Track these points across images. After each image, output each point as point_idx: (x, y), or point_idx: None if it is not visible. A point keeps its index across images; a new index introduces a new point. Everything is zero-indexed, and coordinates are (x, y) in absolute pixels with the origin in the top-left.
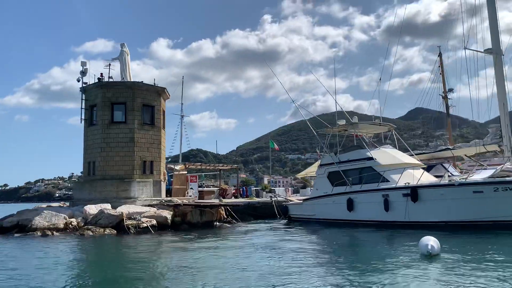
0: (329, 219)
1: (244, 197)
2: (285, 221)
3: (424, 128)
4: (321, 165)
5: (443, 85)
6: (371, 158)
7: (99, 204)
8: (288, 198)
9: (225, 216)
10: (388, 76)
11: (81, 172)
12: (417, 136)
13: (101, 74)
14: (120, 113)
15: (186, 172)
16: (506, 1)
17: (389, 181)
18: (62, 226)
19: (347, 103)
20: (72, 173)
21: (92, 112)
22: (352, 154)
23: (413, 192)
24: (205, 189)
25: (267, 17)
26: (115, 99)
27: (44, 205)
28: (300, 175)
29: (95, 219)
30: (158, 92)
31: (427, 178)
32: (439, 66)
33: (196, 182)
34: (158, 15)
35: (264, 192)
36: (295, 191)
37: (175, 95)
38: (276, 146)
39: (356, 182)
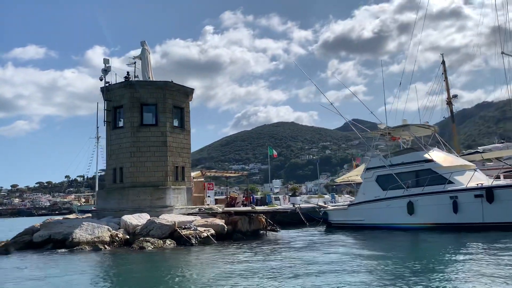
0: (383, 224)
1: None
2: (323, 227)
3: (361, 140)
4: (368, 169)
5: (447, 91)
6: (430, 160)
7: (136, 214)
8: (322, 204)
9: (266, 224)
10: (325, 88)
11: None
12: (354, 146)
13: (128, 73)
14: (150, 115)
15: (203, 180)
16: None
17: (453, 183)
18: (107, 239)
19: (287, 114)
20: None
21: (116, 114)
22: (407, 157)
23: (489, 193)
24: (217, 197)
25: (209, 28)
26: (145, 100)
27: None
28: (339, 180)
29: (145, 230)
30: (187, 93)
31: (487, 179)
32: (442, 73)
33: (212, 190)
34: (94, 22)
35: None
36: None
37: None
38: (274, 153)
39: (413, 185)
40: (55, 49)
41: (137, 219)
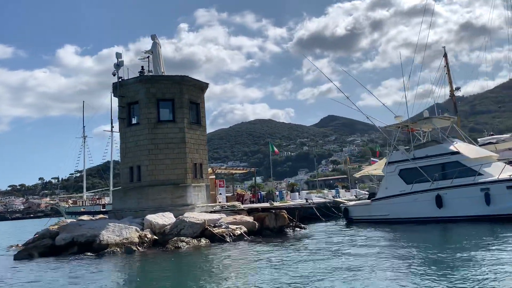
0: (409, 218)
1: (261, 202)
2: (343, 222)
3: (337, 135)
4: (390, 163)
5: (450, 84)
6: (456, 153)
7: (160, 213)
8: (341, 200)
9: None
10: (301, 86)
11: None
12: (331, 142)
13: (142, 67)
14: (167, 110)
15: (214, 177)
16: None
17: (483, 175)
18: (136, 240)
19: (264, 111)
20: None
21: (130, 110)
22: (432, 150)
23: None
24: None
25: (184, 26)
26: (161, 96)
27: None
28: (358, 174)
29: (175, 230)
30: (202, 88)
31: None
32: (445, 66)
33: (224, 187)
34: (64, 20)
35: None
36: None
37: (95, 104)
38: (275, 150)
39: (440, 178)
40: (24, 48)
41: (162, 219)
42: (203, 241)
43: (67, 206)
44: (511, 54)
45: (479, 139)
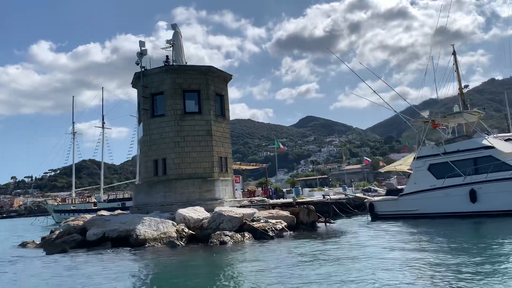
0: (440, 213)
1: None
2: (369, 218)
3: (316, 135)
4: (419, 158)
5: (458, 81)
6: (490, 147)
7: (190, 208)
8: (363, 196)
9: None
10: (280, 86)
11: None
12: (310, 142)
13: (167, 56)
14: (193, 102)
15: None
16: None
17: None
18: (174, 234)
19: (243, 111)
20: None
21: (153, 101)
22: (463, 144)
23: None
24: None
25: (162, 24)
26: (187, 86)
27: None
28: (385, 170)
29: (214, 224)
30: (226, 79)
31: None
32: (453, 64)
33: (239, 183)
34: (39, 15)
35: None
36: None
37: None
38: (281, 146)
39: (473, 172)
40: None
41: (195, 213)
42: (247, 235)
43: (56, 204)
44: (482, 58)
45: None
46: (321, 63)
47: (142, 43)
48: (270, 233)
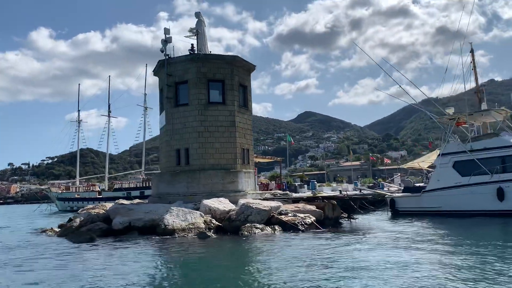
0: (465, 211)
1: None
2: (388, 214)
3: (314, 131)
4: (443, 154)
5: (476, 81)
6: None
7: (215, 199)
8: (383, 192)
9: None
10: (279, 80)
11: None
12: (308, 137)
13: (192, 45)
14: (217, 92)
15: None
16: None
17: None
18: (202, 225)
19: None
20: None
21: (177, 90)
22: (491, 142)
23: None
24: None
25: (164, 14)
26: (212, 76)
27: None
28: (408, 166)
29: (242, 216)
30: (249, 70)
31: None
32: (471, 62)
33: (256, 175)
34: (39, 2)
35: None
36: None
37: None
38: (292, 141)
39: (500, 171)
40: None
41: (220, 204)
42: (277, 228)
43: (60, 191)
44: (482, 59)
45: None
46: (321, 59)
47: (167, 30)
48: (300, 227)
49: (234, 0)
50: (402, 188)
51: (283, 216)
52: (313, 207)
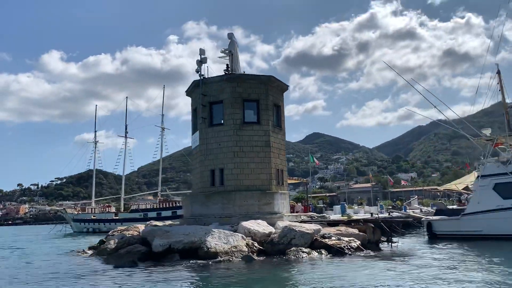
0: (508, 235)
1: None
2: (426, 238)
3: (322, 152)
4: (483, 176)
5: (503, 100)
6: None
7: (253, 221)
8: (416, 214)
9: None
10: (287, 102)
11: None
12: (317, 159)
13: (227, 65)
14: (251, 112)
15: None
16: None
17: None
18: (245, 248)
19: None
20: None
21: (211, 110)
22: None
23: None
24: None
25: (173, 38)
26: (247, 96)
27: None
28: (445, 188)
29: (285, 239)
30: (283, 90)
31: None
32: (498, 83)
33: None
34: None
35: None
36: None
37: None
38: (316, 161)
39: None
40: (8, 51)
41: (259, 226)
42: (324, 252)
43: (76, 213)
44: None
45: None
46: (328, 81)
47: (202, 51)
48: (346, 251)
49: (243, 24)
50: (434, 211)
51: (327, 240)
52: (355, 231)
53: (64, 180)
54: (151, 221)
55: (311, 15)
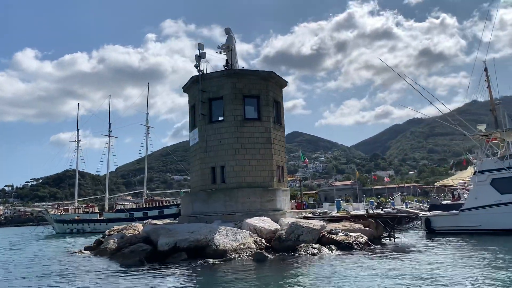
0: (506, 229)
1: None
2: (423, 233)
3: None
4: (480, 172)
5: (490, 98)
6: None
7: (257, 218)
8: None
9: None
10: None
11: None
12: (296, 157)
13: (227, 61)
14: (252, 108)
15: None
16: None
17: None
18: (253, 246)
19: None
20: None
21: (210, 106)
22: None
23: None
24: None
25: (151, 36)
26: (247, 92)
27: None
28: (442, 183)
29: (293, 235)
30: (282, 86)
31: None
32: (485, 80)
33: None
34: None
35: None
36: None
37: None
38: (306, 159)
39: None
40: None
41: (263, 223)
42: (334, 248)
43: (59, 213)
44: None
45: None
46: (307, 80)
47: (201, 46)
48: (355, 247)
49: (222, 23)
50: (428, 206)
51: (334, 236)
52: (361, 226)
53: (40, 181)
54: (149, 220)
55: (290, 14)
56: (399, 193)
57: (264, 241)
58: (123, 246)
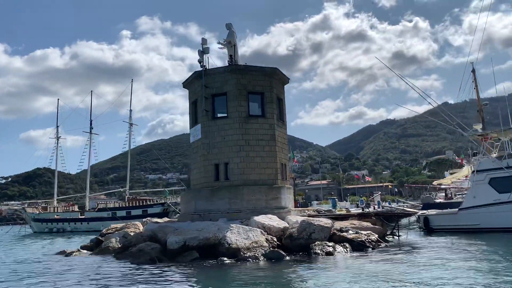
0: (505, 228)
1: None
2: (422, 232)
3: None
4: (478, 171)
5: (478, 99)
6: None
7: (264, 216)
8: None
9: None
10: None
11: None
12: None
13: (231, 56)
14: (256, 105)
15: None
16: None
17: None
18: (265, 244)
19: None
20: None
21: (213, 102)
22: None
23: None
24: None
25: (126, 33)
26: (252, 88)
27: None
28: (437, 182)
29: (304, 233)
30: (284, 83)
31: None
32: (472, 81)
33: None
34: None
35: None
36: None
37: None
38: (295, 159)
39: None
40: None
41: (271, 221)
42: (348, 246)
43: (37, 212)
44: (436, 83)
45: None
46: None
47: (204, 41)
48: (368, 245)
49: (198, 21)
50: (422, 205)
51: (345, 234)
52: (369, 224)
53: (10, 179)
54: (148, 218)
55: (267, 14)
56: (379, 193)
57: (275, 240)
58: (129, 245)
